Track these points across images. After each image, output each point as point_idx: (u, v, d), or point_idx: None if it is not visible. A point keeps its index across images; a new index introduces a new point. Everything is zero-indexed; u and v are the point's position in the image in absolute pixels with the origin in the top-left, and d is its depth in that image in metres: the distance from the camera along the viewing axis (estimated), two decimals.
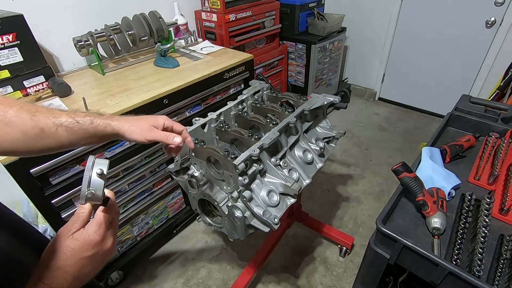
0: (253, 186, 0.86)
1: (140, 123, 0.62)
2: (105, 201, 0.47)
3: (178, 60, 1.61)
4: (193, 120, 1.01)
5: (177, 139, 0.64)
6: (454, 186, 0.85)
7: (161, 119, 0.66)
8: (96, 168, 0.44)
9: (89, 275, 0.45)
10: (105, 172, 0.45)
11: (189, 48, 1.85)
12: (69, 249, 0.43)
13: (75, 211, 0.46)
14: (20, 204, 1.46)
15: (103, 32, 1.45)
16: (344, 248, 1.64)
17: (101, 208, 0.46)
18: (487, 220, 0.72)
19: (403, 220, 0.79)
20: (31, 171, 1.03)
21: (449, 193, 0.83)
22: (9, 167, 0.97)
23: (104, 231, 0.45)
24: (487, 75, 2.48)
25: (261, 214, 0.81)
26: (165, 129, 0.66)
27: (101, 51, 1.57)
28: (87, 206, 0.46)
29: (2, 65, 1.17)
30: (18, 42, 1.18)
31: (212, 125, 1.02)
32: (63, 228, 0.45)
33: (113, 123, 0.59)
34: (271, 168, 0.89)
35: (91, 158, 0.46)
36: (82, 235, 0.44)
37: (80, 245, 0.43)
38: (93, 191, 0.44)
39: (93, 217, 0.46)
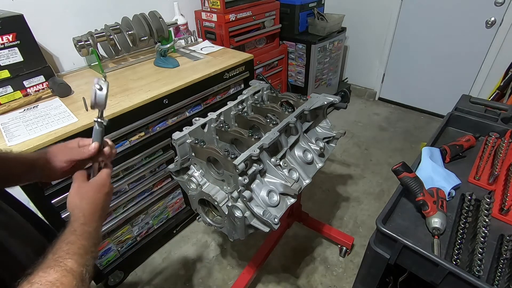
0: (253, 186, 0.86)
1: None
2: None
3: (178, 60, 1.61)
4: (193, 120, 1.01)
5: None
6: (454, 186, 0.85)
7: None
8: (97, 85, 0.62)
9: (105, 209, 0.61)
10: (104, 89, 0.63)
11: (189, 48, 1.85)
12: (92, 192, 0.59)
13: None
14: None
15: (103, 32, 1.45)
16: (344, 248, 1.64)
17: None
18: (487, 220, 0.72)
19: (403, 220, 0.79)
20: None
21: (449, 193, 0.83)
22: None
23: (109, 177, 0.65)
24: (487, 75, 2.48)
25: (261, 214, 0.81)
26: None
27: (101, 51, 1.57)
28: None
29: (2, 65, 1.17)
30: (18, 42, 1.18)
31: (212, 125, 1.02)
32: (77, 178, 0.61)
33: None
34: (271, 168, 0.89)
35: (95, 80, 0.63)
36: (98, 177, 0.62)
37: (99, 183, 0.61)
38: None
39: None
